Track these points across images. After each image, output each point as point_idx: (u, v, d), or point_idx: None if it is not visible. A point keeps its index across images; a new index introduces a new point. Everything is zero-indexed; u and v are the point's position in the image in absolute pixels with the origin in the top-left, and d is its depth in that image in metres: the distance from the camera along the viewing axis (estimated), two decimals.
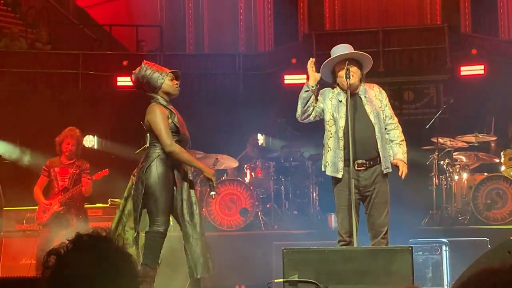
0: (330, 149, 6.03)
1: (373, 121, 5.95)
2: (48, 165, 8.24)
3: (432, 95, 12.83)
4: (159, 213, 5.87)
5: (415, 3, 15.14)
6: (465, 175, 9.95)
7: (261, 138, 11.35)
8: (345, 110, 5.93)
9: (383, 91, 6.18)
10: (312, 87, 5.99)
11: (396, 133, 6.08)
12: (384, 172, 5.93)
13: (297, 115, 6.15)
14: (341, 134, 5.92)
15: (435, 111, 11.61)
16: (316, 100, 6.06)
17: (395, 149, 6.04)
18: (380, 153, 5.93)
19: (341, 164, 5.93)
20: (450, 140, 10.10)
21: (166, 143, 5.83)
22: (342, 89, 6.03)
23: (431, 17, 14.91)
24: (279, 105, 11.80)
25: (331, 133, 6.03)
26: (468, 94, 11.77)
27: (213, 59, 13.69)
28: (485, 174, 9.82)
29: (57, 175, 8.16)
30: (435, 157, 10.00)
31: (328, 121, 6.04)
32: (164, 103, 5.98)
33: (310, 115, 6.08)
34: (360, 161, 5.88)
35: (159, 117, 5.87)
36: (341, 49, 6.10)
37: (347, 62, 5.95)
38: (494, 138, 10.41)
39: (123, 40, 15.70)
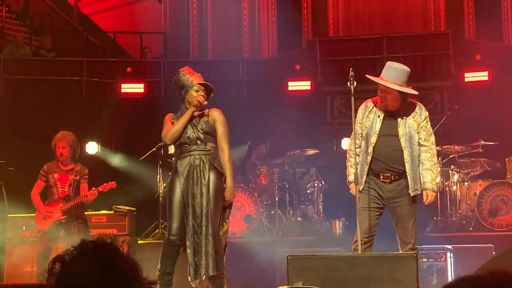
0: (360, 162, 6.07)
1: (403, 144, 5.97)
2: (45, 170, 8.06)
3: (436, 102, 12.81)
4: (169, 220, 6.12)
5: (419, 10, 15.13)
6: (469, 182, 9.93)
7: (263, 148, 11.35)
8: (379, 127, 5.97)
9: (423, 112, 6.11)
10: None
11: (427, 156, 6.04)
12: (412, 194, 5.97)
13: None
14: (370, 149, 5.99)
15: (439, 117, 11.58)
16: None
17: (424, 176, 6.03)
18: (409, 176, 5.95)
19: (364, 178, 6.01)
20: (454, 147, 10.09)
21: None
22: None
23: (435, 23, 14.90)
24: (283, 111, 11.80)
25: (360, 147, 6.08)
26: (473, 100, 11.75)
27: (217, 65, 13.68)
28: (490, 180, 9.80)
29: (57, 182, 8.00)
30: (440, 163, 9.99)
31: (360, 134, 6.07)
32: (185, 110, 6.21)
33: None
34: (386, 174, 5.94)
35: (164, 122, 6.32)
36: (390, 71, 6.06)
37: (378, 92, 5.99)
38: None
39: (127, 47, 15.73)
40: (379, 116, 6.00)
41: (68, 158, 8.03)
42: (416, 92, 6.16)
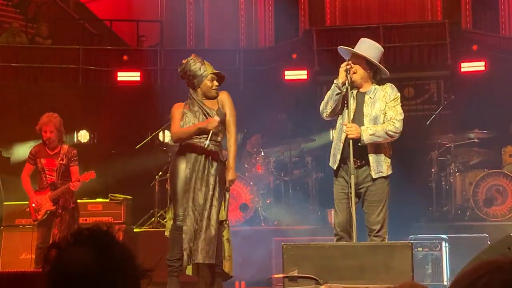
0: (334, 140, 6.01)
1: (366, 124, 5.80)
2: (33, 153, 7.86)
3: (432, 91, 12.82)
4: (174, 206, 6.11)
5: None
6: (465, 172, 9.95)
7: (258, 138, 11.34)
8: (349, 105, 5.85)
9: (394, 92, 5.95)
10: (344, 89, 5.81)
11: (386, 124, 5.79)
12: (374, 177, 5.80)
13: (324, 115, 5.96)
14: (345, 128, 5.86)
15: (435, 107, 11.60)
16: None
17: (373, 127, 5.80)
18: (370, 158, 5.81)
19: (338, 156, 5.88)
20: (450, 136, 10.10)
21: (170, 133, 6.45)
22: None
23: (432, 13, 14.88)
24: (279, 100, 11.79)
25: (337, 125, 5.98)
26: (469, 90, 11.75)
27: (213, 54, 13.65)
28: (485, 170, 9.82)
29: (44, 167, 7.78)
30: (436, 153, 10.01)
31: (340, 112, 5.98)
32: (198, 98, 6.20)
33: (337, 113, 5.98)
34: (354, 159, 5.76)
35: (172, 113, 6.21)
36: (361, 44, 6.03)
37: (348, 58, 5.92)
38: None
39: (124, 35, 15.67)
40: (351, 93, 5.85)
41: (55, 142, 7.81)
42: (387, 73, 6.00)
